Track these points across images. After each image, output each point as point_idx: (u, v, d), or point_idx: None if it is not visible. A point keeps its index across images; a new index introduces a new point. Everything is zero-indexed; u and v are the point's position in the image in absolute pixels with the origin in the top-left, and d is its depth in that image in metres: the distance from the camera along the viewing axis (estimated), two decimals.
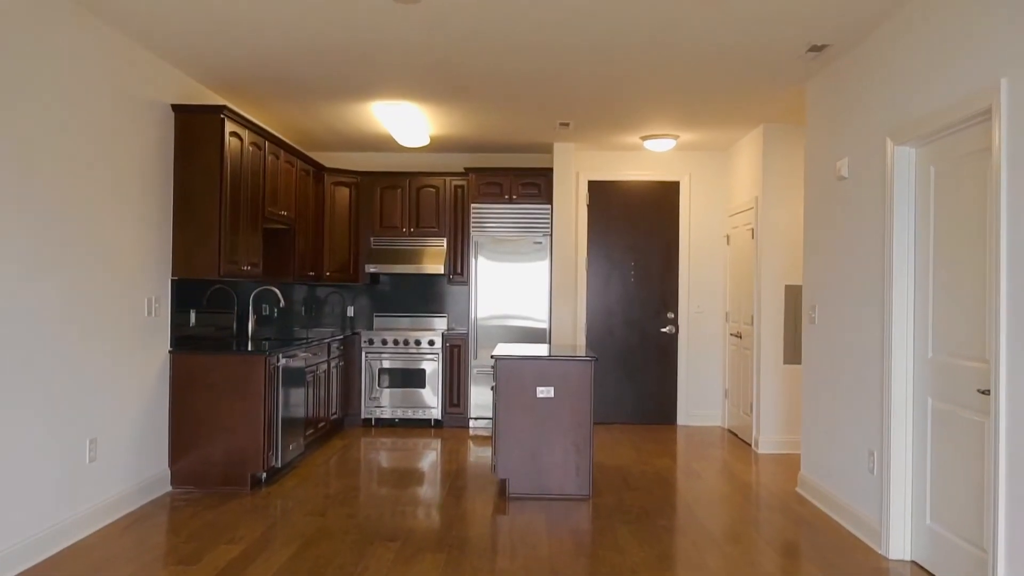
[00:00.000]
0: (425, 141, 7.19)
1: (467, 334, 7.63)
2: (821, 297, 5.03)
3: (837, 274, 4.78)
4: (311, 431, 6.29)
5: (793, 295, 6.64)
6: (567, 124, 6.77)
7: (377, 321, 8.22)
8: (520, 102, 6.05)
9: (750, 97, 5.80)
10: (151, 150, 4.94)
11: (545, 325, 7.56)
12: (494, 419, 5.16)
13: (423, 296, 8.26)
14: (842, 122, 4.76)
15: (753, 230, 6.90)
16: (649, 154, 8.00)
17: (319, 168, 7.53)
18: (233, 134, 5.35)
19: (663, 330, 7.99)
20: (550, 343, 7.57)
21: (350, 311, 8.27)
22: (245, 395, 5.16)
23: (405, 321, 8.21)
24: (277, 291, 6.38)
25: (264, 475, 5.36)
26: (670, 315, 7.99)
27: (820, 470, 5.02)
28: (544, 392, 5.11)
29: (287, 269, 6.77)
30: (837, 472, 4.75)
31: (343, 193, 7.83)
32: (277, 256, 6.78)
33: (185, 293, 5.38)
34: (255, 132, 5.76)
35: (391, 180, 7.94)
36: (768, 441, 6.64)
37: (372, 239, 7.93)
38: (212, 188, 5.18)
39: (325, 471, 5.79)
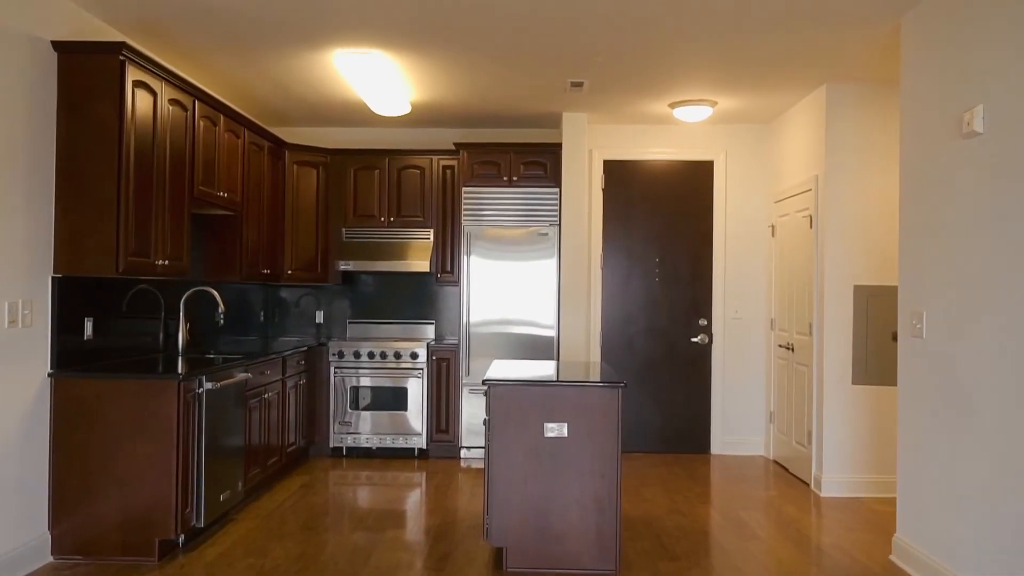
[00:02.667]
0: (405, 109, 5.87)
1: (458, 345, 6.30)
2: (933, 301, 3.69)
3: (961, 269, 3.44)
4: (256, 470, 4.96)
5: (865, 298, 5.29)
6: (580, 84, 5.43)
7: (352, 329, 6.88)
8: (521, 54, 4.72)
9: (812, 46, 4.47)
10: (21, 104, 3.61)
11: (552, 333, 6.23)
12: (487, 466, 3.83)
13: (407, 299, 6.93)
14: (973, 58, 3.42)
15: (811, 217, 5.56)
16: (676, 129, 6.66)
17: (278, 144, 6.20)
18: (140, 85, 4.02)
19: (694, 340, 6.65)
20: (558, 357, 6.23)
21: (319, 317, 6.93)
22: (152, 433, 3.83)
23: (386, 329, 6.88)
24: (215, 293, 5.05)
25: (181, 539, 4.03)
26: (702, 322, 6.64)
27: (929, 538, 3.68)
28: (554, 430, 3.77)
29: (232, 266, 5.44)
30: (962, 546, 3.40)
31: (308, 175, 6.50)
32: (219, 250, 5.45)
33: (79, 296, 4.05)
34: (177, 87, 4.43)
35: (367, 159, 6.61)
36: (834, 482, 5.29)
37: (344, 231, 6.60)
38: (108, 157, 3.85)
39: (268, 527, 4.46)
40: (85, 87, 3.86)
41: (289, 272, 6.38)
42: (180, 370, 3.98)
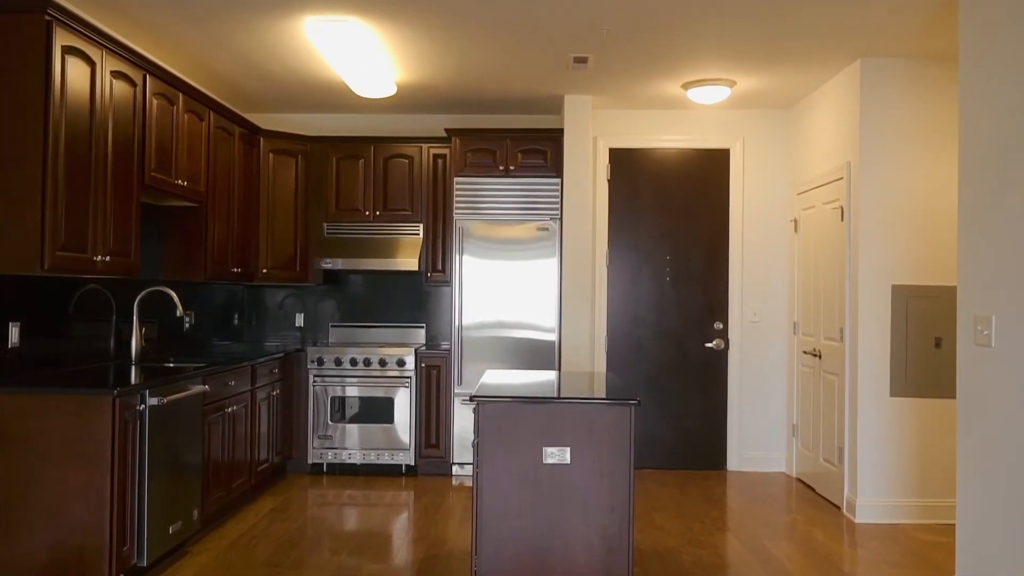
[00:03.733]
0: (390, 90, 5.30)
1: (449, 351, 5.72)
2: (1005, 305, 3.10)
3: None
4: (219, 494, 4.39)
5: (905, 299, 4.71)
6: (584, 60, 4.85)
7: (335, 333, 6.31)
8: (518, 22, 4.15)
9: (847, 15, 3.89)
10: None
11: (553, 337, 5.66)
12: (475, 497, 3.25)
13: (395, 300, 6.36)
14: None
15: (842, 209, 4.98)
16: (689, 114, 6.08)
17: (251, 130, 5.63)
18: (74, 52, 3.46)
19: (708, 345, 6.07)
20: (560, 364, 5.66)
21: (299, 320, 6.36)
22: (83, 457, 3.26)
23: (372, 333, 6.31)
24: (172, 294, 4.48)
25: None
26: (717, 325, 6.07)
27: None
28: (555, 455, 3.20)
29: (196, 264, 4.87)
30: None
31: (286, 165, 5.93)
32: (180, 246, 4.88)
33: (2, 297, 3.49)
34: (123, 58, 3.86)
35: (350, 148, 6.04)
36: (869, 506, 4.71)
37: (326, 226, 6.03)
38: (31, 135, 3.29)
39: (226, 562, 3.88)
40: (2, 52, 3.29)
41: (264, 271, 5.81)
42: (130, 382, 3.41)
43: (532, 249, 5.66)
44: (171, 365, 4.50)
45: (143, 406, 3.48)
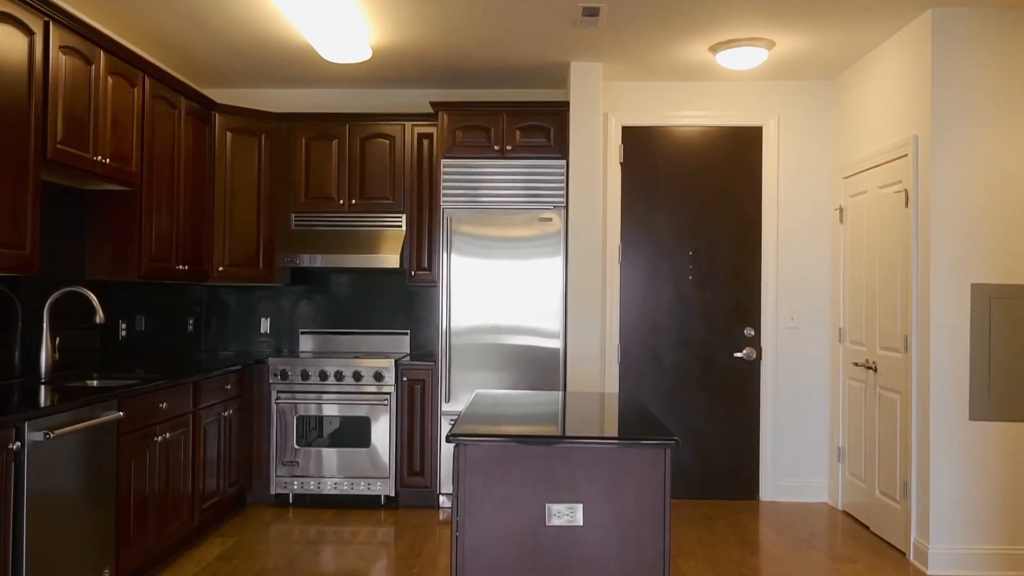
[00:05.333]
0: (363, 53, 4.47)
1: (436, 362, 4.88)
2: None
3: None
4: (145, 543, 3.55)
5: (988, 301, 3.87)
6: (594, 12, 4.01)
7: (305, 341, 5.48)
8: None
9: None
10: None
11: (557, 344, 4.81)
12: (454, 567, 2.41)
13: (376, 303, 5.52)
14: None
15: (907, 192, 4.14)
16: (716, 86, 5.24)
17: (204, 104, 4.80)
18: None
19: (737, 355, 5.23)
20: (565, 377, 4.82)
21: (265, 326, 5.53)
22: None
23: (349, 341, 5.47)
24: (90, 296, 3.65)
25: None
26: (748, 332, 5.22)
27: None
28: (563, 515, 2.36)
29: (126, 260, 4.04)
30: None
31: (247, 146, 5.09)
32: (108, 238, 4.05)
33: None
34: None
35: (322, 126, 5.21)
36: (945, 554, 3.86)
37: (294, 217, 5.19)
38: None
39: None
40: None
41: (220, 269, 4.98)
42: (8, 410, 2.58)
43: (532, 242, 4.82)
44: (92, 383, 3.68)
45: (17, 444, 2.64)
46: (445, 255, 4.82)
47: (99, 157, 3.61)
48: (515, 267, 4.81)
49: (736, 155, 5.25)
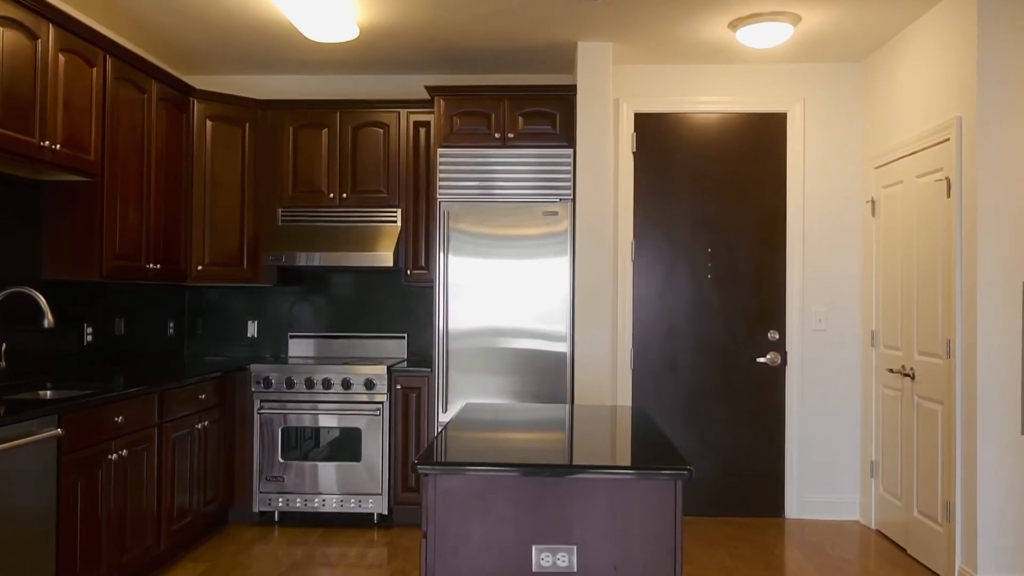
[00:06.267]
0: (349, 31, 4.09)
1: (432, 369, 4.50)
2: None
3: None
4: (103, 568, 3.18)
5: None
6: None
7: (295, 345, 5.11)
8: None
9: None
10: None
11: (564, 348, 4.41)
12: None
13: (371, 305, 5.15)
14: None
15: (949, 181, 3.70)
16: (737, 69, 4.82)
17: (180, 89, 4.45)
18: None
19: (760, 360, 4.80)
20: (573, 386, 4.41)
21: (252, 329, 5.17)
22: None
23: (341, 345, 5.10)
24: (38, 297, 3.30)
25: None
26: (772, 335, 4.80)
27: None
28: (553, 559, 1.97)
29: (87, 258, 3.68)
30: None
31: (229, 135, 4.74)
32: (66, 234, 3.70)
33: None
34: None
35: (311, 115, 4.84)
36: None
37: (281, 212, 4.83)
38: None
39: None
40: None
41: (200, 268, 4.62)
42: None
43: (536, 238, 4.42)
44: (45, 395, 3.33)
45: None
46: (442, 251, 4.44)
47: (47, 143, 3.25)
48: (518, 264, 4.42)
49: (758, 143, 4.83)
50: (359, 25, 4.18)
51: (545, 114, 4.49)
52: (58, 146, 3.33)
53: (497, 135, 4.49)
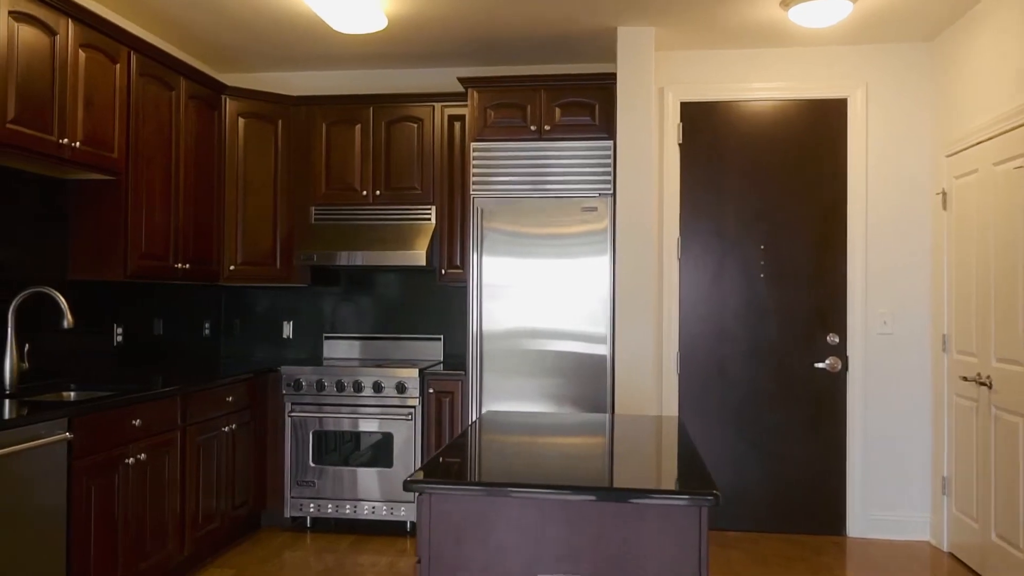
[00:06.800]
0: (378, 22, 3.94)
1: (466, 371, 4.31)
2: None
3: None
4: (119, 575, 3.10)
5: None
6: None
7: (331, 347, 5.00)
8: None
9: None
10: None
11: (605, 350, 4.17)
12: None
13: (407, 305, 5.00)
14: None
15: None
16: (791, 53, 4.50)
17: (211, 87, 4.37)
18: None
19: (819, 366, 4.47)
20: (613, 389, 4.17)
21: (287, 330, 5.08)
22: None
23: (377, 347, 4.97)
24: (58, 297, 3.24)
25: None
26: (832, 339, 4.46)
27: None
28: None
29: (112, 257, 3.62)
30: None
31: (262, 132, 4.65)
32: (91, 233, 3.64)
33: None
34: None
35: (344, 110, 4.72)
36: None
37: (313, 210, 4.72)
38: None
39: None
40: None
41: (232, 268, 4.54)
42: None
43: (575, 236, 4.20)
44: (69, 396, 3.27)
45: None
46: (475, 251, 4.25)
47: (66, 140, 3.18)
48: (555, 264, 4.19)
49: (816, 132, 4.49)
50: (387, 15, 4.03)
51: (584, 104, 4.26)
52: (78, 143, 3.25)
53: (533, 127, 4.28)
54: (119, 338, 4.07)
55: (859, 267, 4.42)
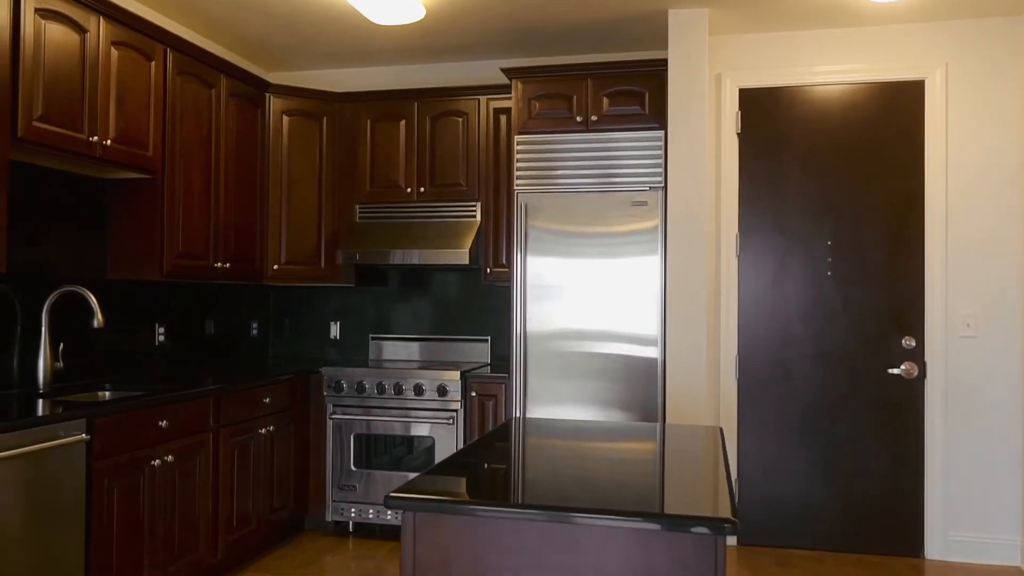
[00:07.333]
0: (415, 11, 3.81)
1: (509, 374, 4.14)
2: None
3: None
4: None
5: None
6: None
7: (376, 348, 4.91)
8: None
9: None
10: None
11: (655, 353, 3.92)
12: None
13: (453, 305, 4.86)
14: None
15: None
16: (860, 33, 4.16)
17: (254, 85, 4.34)
18: None
19: (893, 371, 4.11)
20: (664, 394, 3.92)
21: (334, 330, 5.01)
22: None
23: (423, 348, 4.85)
24: (87, 295, 3.22)
25: None
26: (907, 342, 4.09)
27: None
28: None
29: (149, 256, 3.60)
30: None
31: (306, 130, 4.59)
32: (129, 232, 3.63)
33: None
34: None
35: (388, 106, 4.61)
36: None
37: (358, 208, 4.64)
38: None
39: None
40: None
41: (276, 268, 4.50)
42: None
43: (623, 235, 3.97)
44: (104, 395, 3.25)
45: None
46: (519, 249, 4.07)
47: (96, 138, 3.16)
48: (603, 263, 3.98)
49: (888, 118, 4.14)
50: (425, 5, 3.89)
51: (633, 93, 4.03)
52: (109, 142, 3.23)
53: (579, 118, 4.07)
54: (161, 337, 4.06)
55: (938, 264, 4.04)
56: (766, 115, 4.26)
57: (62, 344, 3.40)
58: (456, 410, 4.18)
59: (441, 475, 1.81)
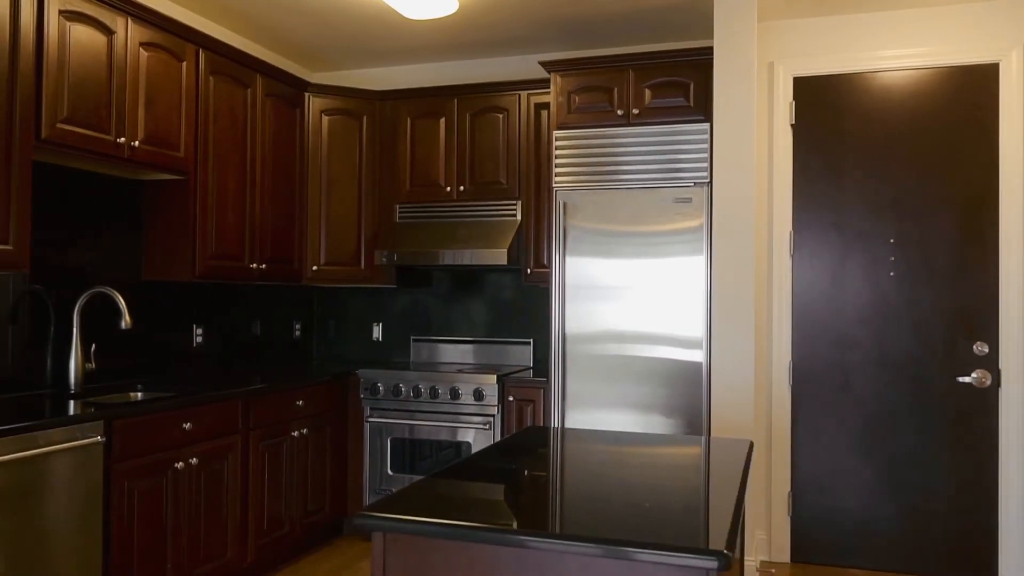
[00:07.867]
0: (448, 4, 3.70)
1: (547, 377, 3.99)
2: None
3: None
4: None
5: None
6: None
7: (418, 350, 4.83)
8: None
9: None
10: None
11: (700, 356, 3.71)
12: None
13: (495, 307, 4.75)
14: None
15: None
16: (925, 14, 3.85)
17: (292, 84, 4.31)
18: None
19: (963, 380, 3.78)
20: (710, 400, 3.71)
21: (376, 332, 4.96)
22: None
23: (464, 351, 4.74)
24: (116, 297, 3.23)
25: None
26: (979, 348, 3.76)
27: None
28: None
29: (180, 256, 3.60)
30: None
31: (346, 130, 4.55)
32: (162, 233, 3.64)
33: None
34: None
35: (428, 103, 4.53)
36: None
37: (398, 208, 4.57)
38: None
39: None
40: None
41: (315, 268, 4.47)
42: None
43: (666, 234, 3.77)
44: (136, 396, 3.26)
45: None
46: (558, 249, 3.92)
47: (123, 139, 3.16)
48: (644, 263, 3.79)
49: (958, 105, 3.82)
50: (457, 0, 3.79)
51: (677, 84, 3.83)
52: (137, 143, 3.23)
53: (620, 112, 3.90)
54: (199, 338, 4.07)
55: (1015, 264, 3.71)
56: (822, 105, 4.00)
57: (94, 345, 3.43)
58: (493, 415, 4.06)
59: (416, 496, 1.69)
